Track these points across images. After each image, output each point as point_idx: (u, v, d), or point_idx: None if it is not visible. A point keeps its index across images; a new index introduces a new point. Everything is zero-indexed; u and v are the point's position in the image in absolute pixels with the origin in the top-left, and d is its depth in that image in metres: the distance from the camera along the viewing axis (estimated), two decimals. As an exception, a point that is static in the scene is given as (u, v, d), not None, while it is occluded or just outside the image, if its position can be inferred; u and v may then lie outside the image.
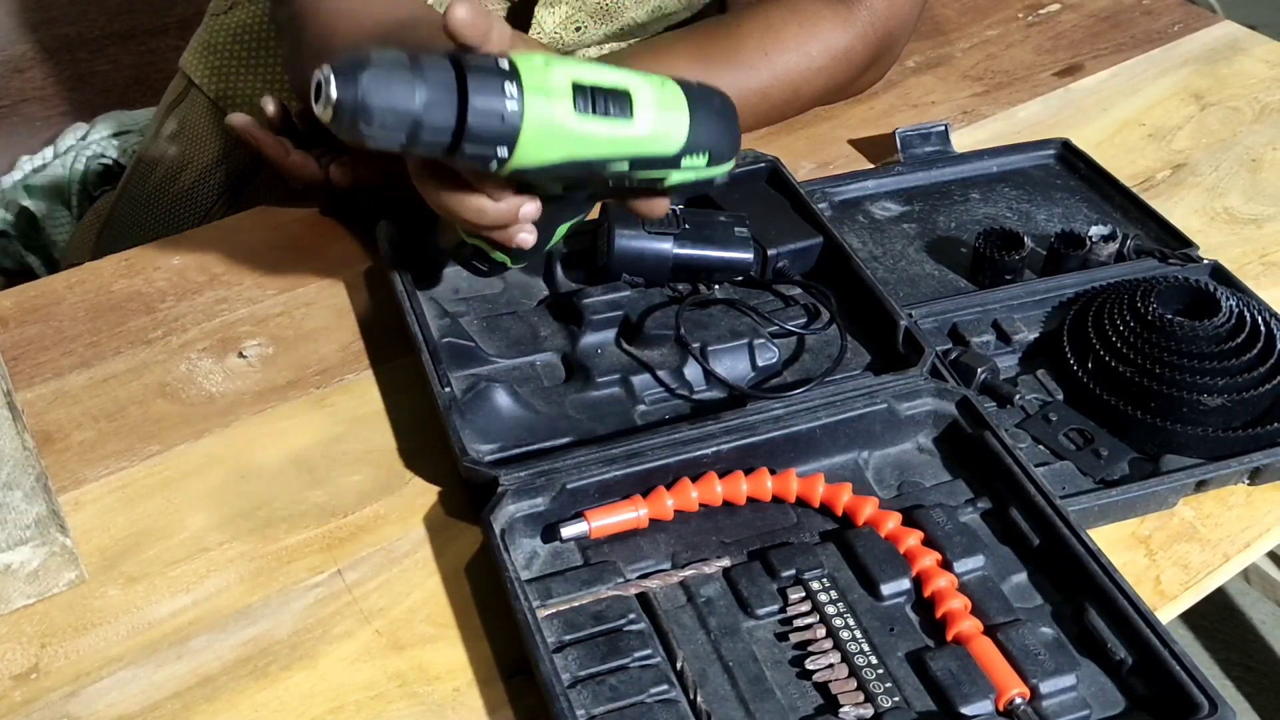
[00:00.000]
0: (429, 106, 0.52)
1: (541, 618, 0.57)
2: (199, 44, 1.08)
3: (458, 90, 0.52)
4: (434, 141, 0.53)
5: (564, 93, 0.54)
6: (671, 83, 0.59)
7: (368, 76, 0.51)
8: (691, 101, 0.59)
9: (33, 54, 1.56)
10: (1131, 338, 0.70)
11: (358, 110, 0.51)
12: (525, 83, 0.53)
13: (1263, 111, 0.99)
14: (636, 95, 0.57)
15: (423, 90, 0.52)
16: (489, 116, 0.53)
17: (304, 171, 0.83)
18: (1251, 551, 0.64)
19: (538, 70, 0.54)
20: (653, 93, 0.58)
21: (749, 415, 0.65)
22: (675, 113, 0.58)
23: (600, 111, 0.55)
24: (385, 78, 0.51)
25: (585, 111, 0.55)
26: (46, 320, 0.78)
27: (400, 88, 0.51)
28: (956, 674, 0.55)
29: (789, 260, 0.77)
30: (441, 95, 0.52)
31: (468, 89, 0.52)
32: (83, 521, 0.65)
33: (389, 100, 0.51)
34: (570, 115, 0.55)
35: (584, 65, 0.57)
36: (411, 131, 0.53)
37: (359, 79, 0.51)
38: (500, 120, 0.53)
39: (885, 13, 0.93)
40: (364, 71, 0.51)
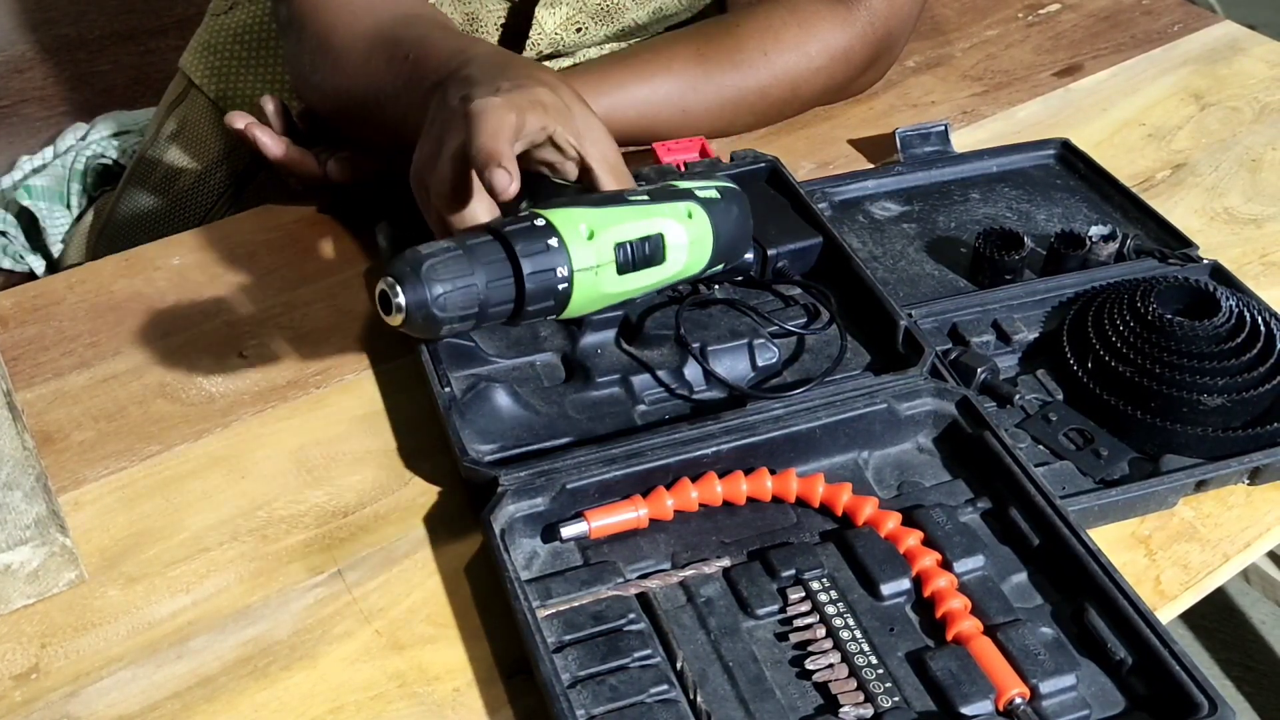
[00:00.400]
0: (490, 288, 0.55)
1: (541, 618, 0.57)
2: (199, 44, 1.08)
3: (511, 266, 0.55)
4: (498, 314, 0.56)
5: (608, 257, 0.58)
6: (698, 209, 0.62)
7: (428, 278, 0.53)
8: (715, 222, 0.62)
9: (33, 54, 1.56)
10: (1131, 338, 0.70)
11: (428, 310, 0.54)
12: (572, 255, 0.57)
13: (1262, 111, 0.99)
14: (668, 236, 0.60)
15: (481, 274, 0.55)
16: (542, 289, 0.56)
17: (302, 169, 0.83)
18: (1251, 551, 0.64)
19: (581, 240, 0.57)
20: (683, 230, 0.61)
21: (749, 415, 0.65)
22: (702, 243, 0.62)
23: (639, 265, 0.59)
24: (445, 273, 0.54)
25: (626, 269, 0.59)
26: (46, 320, 0.78)
27: (460, 274, 0.54)
28: (956, 674, 0.55)
29: (789, 260, 0.77)
30: (498, 275, 0.55)
31: (520, 267, 0.55)
32: (82, 521, 0.65)
33: (454, 291, 0.54)
34: (613, 278, 0.58)
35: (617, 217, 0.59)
36: (479, 313, 0.55)
37: (421, 281, 0.53)
38: (553, 291, 0.57)
39: (885, 13, 0.93)
40: (423, 273, 0.53)
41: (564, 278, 0.56)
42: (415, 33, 0.77)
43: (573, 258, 0.56)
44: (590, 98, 0.87)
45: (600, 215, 0.58)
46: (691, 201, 0.62)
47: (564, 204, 0.58)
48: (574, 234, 0.56)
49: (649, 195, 0.61)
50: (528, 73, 0.67)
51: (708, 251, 0.62)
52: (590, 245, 0.57)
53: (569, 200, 0.59)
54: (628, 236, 0.58)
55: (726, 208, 0.63)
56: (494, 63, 0.69)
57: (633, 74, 0.89)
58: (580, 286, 0.57)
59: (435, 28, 0.77)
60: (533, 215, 0.56)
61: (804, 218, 0.79)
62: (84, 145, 1.27)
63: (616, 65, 0.89)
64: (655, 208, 0.60)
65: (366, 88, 0.78)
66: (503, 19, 0.94)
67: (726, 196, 0.64)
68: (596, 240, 0.57)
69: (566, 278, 0.56)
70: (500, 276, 0.55)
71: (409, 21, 0.79)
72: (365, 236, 0.84)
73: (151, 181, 1.07)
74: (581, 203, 0.58)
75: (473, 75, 0.68)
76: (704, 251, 0.62)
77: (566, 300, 0.57)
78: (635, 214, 0.59)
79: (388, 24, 0.79)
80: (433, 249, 0.54)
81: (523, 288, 0.55)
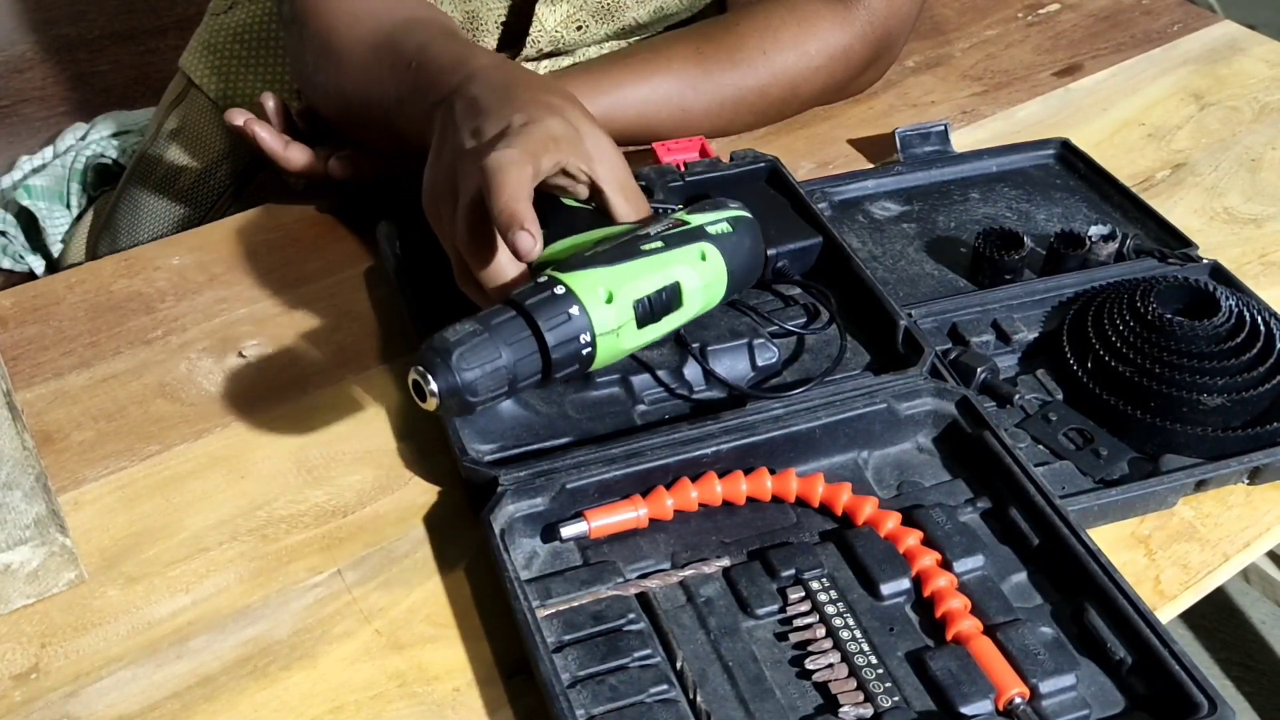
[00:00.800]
0: (518, 366, 0.56)
1: (541, 618, 0.57)
2: (199, 44, 1.08)
3: (536, 340, 0.57)
4: (528, 385, 0.58)
5: (627, 316, 0.59)
6: (711, 249, 0.62)
7: (458, 366, 0.55)
8: (728, 258, 0.63)
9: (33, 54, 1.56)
10: (1131, 337, 0.70)
11: (461, 396, 0.55)
12: (594, 321, 0.58)
13: (1262, 111, 0.99)
14: (684, 282, 0.61)
15: (507, 354, 0.56)
16: (568, 356, 0.58)
17: (303, 167, 0.83)
18: (1251, 551, 0.64)
19: (601, 303, 0.58)
20: (697, 273, 0.62)
21: (749, 415, 0.65)
22: (717, 281, 0.63)
23: (657, 315, 0.60)
24: (473, 359, 0.55)
25: (645, 322, 0.60)
26: (46, 320, 0.78)
27: (487, 355, 0.55)
28: (956, 674, 0.55)
29: (788, 260, 0.77)
30: (524, 352, 0.57)
31: (545, 341, 0.57)
32: (82, 521, 0.65)
33: (483, 373, 0.55)
34: (633, 333, 0.60)
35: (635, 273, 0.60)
36: (509, 389, 0.57)
37: (451, 370, 0.55)
38: (578, 356, 0.58)
39: (884, 12, 0.93)
40: (453, 362, 0.55)
41: (587, 343, 0.57)
42: (417, 39, 0.76)
43: (594, 323, 0.57)
44: (590, 97, 0.87)
45: (617, 274, 0.59)
46: (704, 242, 0.62)
47: (581, 264, 0.59)
48: (593, 298, 0.57)
49: (663, 242, 0.61)
50: (533, 96, 0.67)
51: (723, 288, 0.63)
52: (610, 307, 0.58)
53: (586, 258, 0.59)
54: (645, 291, 0.59)
55: (739, 240, 0.64)
56: (500, 83, 0.68)
57: (632, 73, 0.89)
58: (603, 347, 0.58)
59: (437, 34, 0.77)
60: (552, 282, 0.57)
61: (804, 217, 0.79)
62: (84, 145, 1.27)
63: (616, 65, 0.89)
64: (669, 255, 0.61)
65: (369, 93, 0.78)
66: (503, 17, 0.94)
67: (739, 228, 0.64)
68: (615, 301, 0.58)
69: (590, 342, 0.58)
70: (527, 353, 0.56)
71: (410, 26, 0.79)
72: (365, 236, 0.84)
73: (151, 181, 1.07)
74: (598, 261, 0.59)
75: (480, 100, 0.67)
76: (719, 289, 0.63)
77: (591, 362, 0.59)
78: (651, 266, 0.60)
79: (389, 27, 0.79)
80: (459, 334, 0.56)
81: (549, 359, 0.57)
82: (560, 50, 0.97)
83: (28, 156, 1.30)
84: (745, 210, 0.66)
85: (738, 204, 0.66)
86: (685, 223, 0.63)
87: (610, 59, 0.91)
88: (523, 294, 0.57)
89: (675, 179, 0.82)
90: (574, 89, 0.87)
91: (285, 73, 1.04)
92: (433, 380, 0.55)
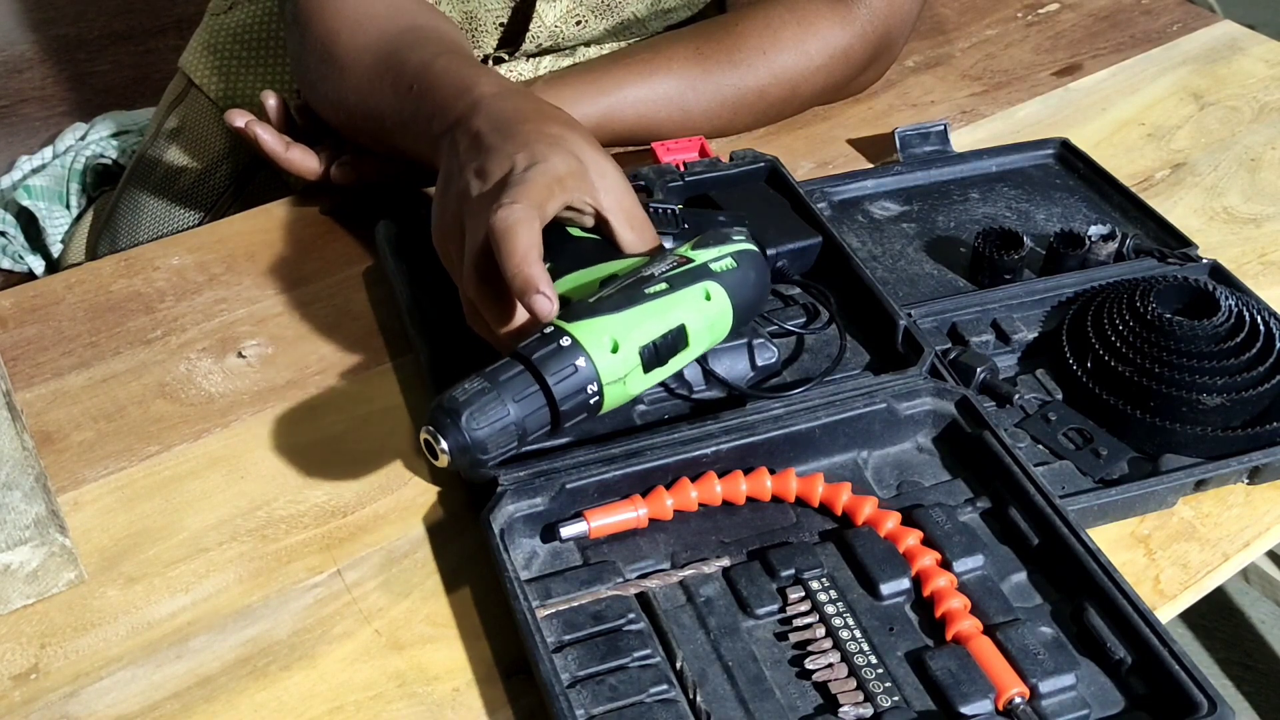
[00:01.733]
0: (527, 420, 0.57)
1: (541, 617, 0.57)
2: (199, 44, 1.08)
3: (544, 394, 0.57)
4: (538, 435, 0.58)
5: (634, 363, 0.59)
6: (716, 288, 0.62)
7: (468, 426, 0.55)
8: (733, 295, 0.63)
9: (32, 54, 1.56)
10: (1131, 337, 0.70)
11: (472, 452, 0.56)
12: (600, 371, 0.58)
13: (1262, 111, 0.99)
14: (690, 324, 0.61)
15: (516, 409, 0.56)
16: (577, 407, 0.58)
17: (303, 167, 0.83)
18: (1251, 551, 0.64)
19: (607, 353, 0.58)
20: (702, 315, 0.62)
21: (748, 415, 0.65)
22: (722, 319, 0.63)
23: (664, 359, 0.60)
24: (480, 415, 0.56)
25: (652, 367, 0.60)
26: (46, 320, 0.78)
27: (496, 413, 0.56)
28: (956, 673, 0.55)
29: (788, 260, 0.77)
30: (533, 407, 0.57)
31: (553, 394, 0.57)
32: (82, 522, 0.65)
33: (493, 431, 0.56)
34: (640, 378, 0.60)
35: (640, 319, 0.60)
36: (520, 439, 0.57)
37: (461, 429, 0.55)
38: (586, 405, 0.58)
39: (884, 12, 0.93)
40: (463, 422, 0.55)
41: (595, 392, 0.58)
42: (420, 57, 0.76)
43: (601, 373, 0.58)
44: (591, 98, 0.87)
45: (623, 321, 0.59)
46: (708, 281, 0.62)
47: (587, 312, 0.59)
48: (600, 348, 0.58)
49: (668, 283, 0.61)
50: (536, 130, 0.66)
51: (728, 325, 0.63)
52: (616, 356, 0.58)
53: (591, 305, 0.60)
54: (651, 336, 0.60)
55: (744, 275, 0.64)
56: (502, 116, 0.68)
57: (632, 74, 0.89)
58: (610, 395, 0.59)
59: (440, 51, 0.76)
60: (559, 333, 0.58)
61: (803, 217, 0.79)
62: (83, 145, 1.27)
63: (616, 65, 0.89)
64: (674, 298, 0.61)
65: (370, 107, 0.78)
66: (503, 19, 0.94)
67: (743, 262, 0.64)
68: (621, 350, 0.58)
69: (597, 391, 0.58)
70: (535, 408, 0.57)
71: (413, 40, 0.78)
72: (365, 236, 0.84)
73: (151, 181, 1.07)
74: (604, 308, 0.59)
75: (483, 136, 0.67)
76: (724, 326, 0.63)
77: (599, 409, 0.59)
78: (656, 310, 0.60)
79: (392, 36, 0.79)
80: (468, 394, 0.56)
81: (558, 412, 0.57)
82: (559, 46, 0.97)
83: (27, 156, 1.30)
84: (748, 241, 0.66)
85: (741, 233, 0.66)
86: (689, 260, 0.63)
87: (610, 59, 0.91)
88: (529, 346, 0.58)
89: (675, 179, 0.82)
90: (574, 90, 0.87)
91: (285, 72, 1.04)
92: (443, 440, 0.56)
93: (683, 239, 0.74)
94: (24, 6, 1.57)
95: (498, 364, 0.57)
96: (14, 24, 1.56)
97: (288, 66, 1.04)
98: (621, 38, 1.00)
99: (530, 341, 0.58)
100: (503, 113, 0.68)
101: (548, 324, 0.59)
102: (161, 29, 1.61)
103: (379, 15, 0.81)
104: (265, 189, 1.02)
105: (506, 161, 0.64)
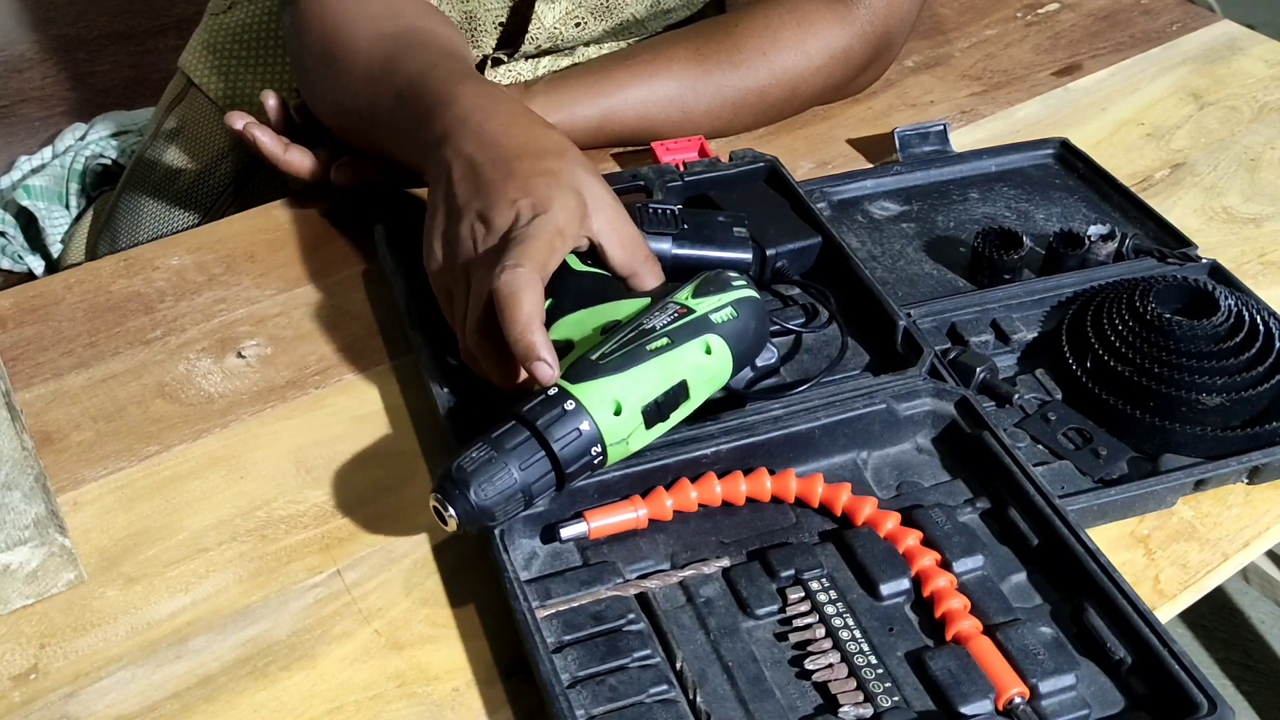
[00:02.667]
0: (533, 485, 0.58)
1: (541, 618, 0.57)
2: (198, 43, 1.08)
3: (548, 458, 0.58)
4: (545, 494, 0.59)
5: (636, 422, 0.60)
6: (717, 340, 0.62)
7: (476, 494, 0.56)
8: (733, 345, 0.63)
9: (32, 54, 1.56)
10: (1130, 337, 0.70)
11: (480, 516, 0.57)
12: (604, 433, 0.58)
13: (1261, 111, 0.99)
14: (690, 379, 0.61)
15: (522, 475, 0.57)
16: (581, 468, 0.59)
17: (301, 169, 0.83)
18: (1250, 550, 0.64)
19: (610, 415, 0.59)
20: (702, 368, 0.62)
21: (748, 415, 0.65)
22: (722, 370, 0.63)
23: (665, 415, 0.61)
24: (488, 484, 0.57)
25: (654, 423, 0.60)
26: (45, 320, 0.78)
27: (503, 481, 0.57)
28: (956, 674, 0.55)
29: (788, 260, 0.77)
30: (539, 473, 0.58)
31: (558, 458, 0.58)
32: (81, 522, 0.65)
33: (499, 496, 0.57)
34: (643, 434, 0.60)
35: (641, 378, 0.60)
36: (526, 500, 0.58)
37: (468, 497, 0.56)
38: (590, 465, 0.59)
39: (884, 12, 0.93)
40: (470, 491, 0.56)
41: (598, 453, 0.59)
42: (413, 64, 0.75)
43: (605, 435, 0.58)
44: (591, 99, 0.87)
45: (625, 383, 0.59)
46: (709, 334, 0.62)
47: (590, 373, 0.59)
48: (603, 411, 0.58)
49: (669, 339, 0.61)
50: (535, 166, 0.65)
51: (728, 374, 0.63)
52: (620, 418, 0.59)
53: (594, 365, 0.60)
54: (653, 395, 0.60)
55: (744, 324, 0.64)
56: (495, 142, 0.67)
57: (632, 75, 0.89)
58: (613, 454, 0.59)
59: (432, 60, 0.75)
60: (563, 396, 0.58)
61: (803, 217, 0.79)
62: (83, 145, 1.27)
63: (616, 66, 0.89)
64: (675, 354, 0.61)
65: (365, 112, 0.78)
66: (502, 19, 0.94)
67: (743, 312, 0.64)
68: (624, 412, 0.59)
69: (601, 452, 0.59)
70: (541, 473, 0.58)
71: (408, 44, 0.78)
72: (364, 237, 0.84)
73: (151, 181, 1.07)
74: (607, 369, 0.59)
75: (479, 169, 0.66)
76: (724, 376, 0.63)
77: (602, 466, 0.60)
78: (658, 368, 0.60)
79: (389, 38, 0.78)
80: (475, 463, 0.57)
81: (563, 474, 0.58)
82: (558, 48, 0.97)
83: (27, 157, 1.30)
84: (750, 287, 0.65)
85: (743, 281, 0.65)
86: (690, 310, 0.63)
87: (610, 60, 0.91)
88: (534, 411, 0.58)
89: (675, 179, 0.82)
90: (574, 91, 0.88)
91: (285, 72, 1.04)
92: (451, 508, 0.57)
93: (682, 240, 0.74)
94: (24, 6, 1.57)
95: (502, 429, 0.58)
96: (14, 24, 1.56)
97: (287, 66, 1.04)
98: (621, 38, 1.00)
99: (534, 405, 0.58)
100: (494, 138, 0.68)
101: (551, 385, 0.59)
102: (161, 29, 1.61)
103: (377, 17, 0.80)
104: (265, 189, 1.02)
105: (509, 210, 0.64)
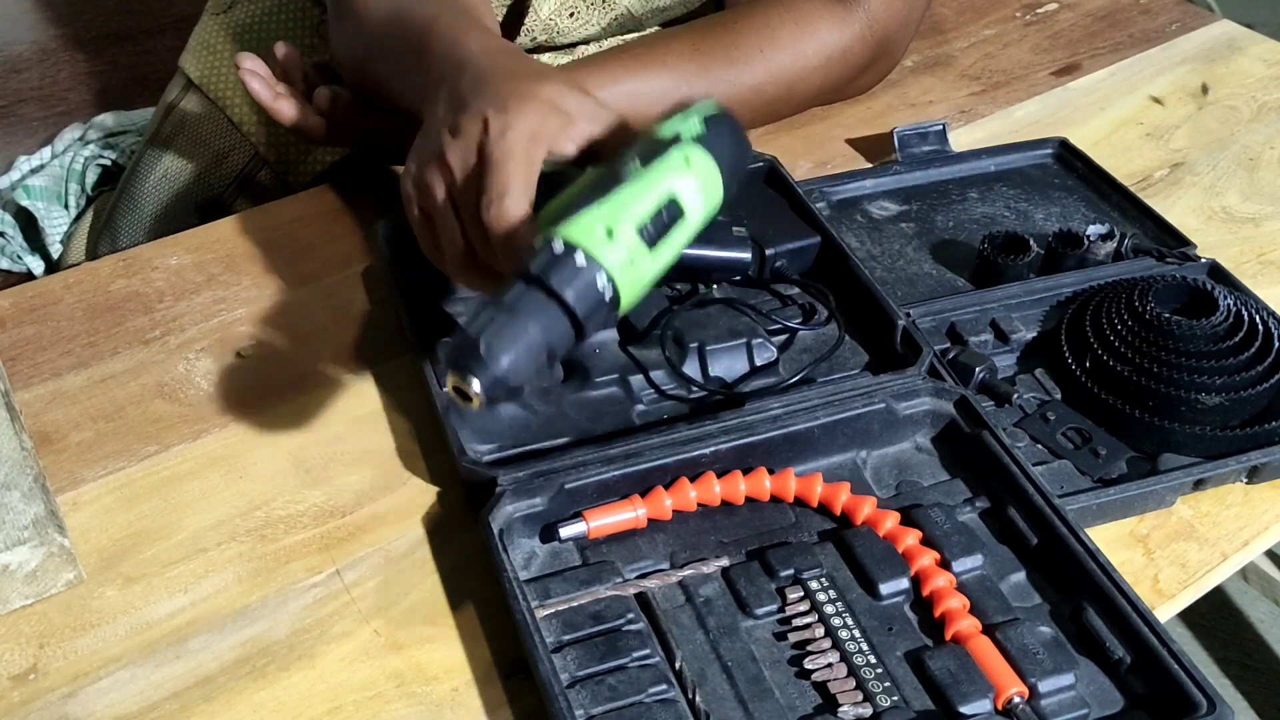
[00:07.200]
0: (549, 335, 0.54)
1: (540, 618, 0.57)
2: (198, 43, 1.08)
3: (558, 304, 0.54)
4: (564, 348, 0.55)
5: (636, 244, 0.57)
6: (693, 148, 0.60)
7: (492, 356, 0.52)
8: (714, 153, 0.60)
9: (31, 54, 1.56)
10: (1129, 337, 0.70)
11: (506, 380, 0.53)
12: (604, 261, 0.55)
13: (1260, 110, 0.99)
14: (680, 192, 0.59)
15: (535, 327, 0.54)
16: (593, 306, 0.55)
17: (282, 115, 0.83)
18: (1250, 550, 0.64)
19: (604, 242, 0.56)
20: (688, 179, 0.59)
21: (747, 415, 0.65)
22: (711, 180, 0.60)
23: (665, 233, 0.58)
24: (504, 344, 0.53)
25: (656, 243, 0.57)
26: (44, 320, 0.78)
27: (520, 341, 0.53)
28: (955, 673, 0.55)
29: (787, 260, 0.77)
30: (551, 320, 0.54)
31: (566, 301, 0.54)
32: (81, 522, 0.65)
33: (519, 355, 0.53)
34: (647, 256, 0.57)
35: (626, 200, 0.57)
36: (549, 356, 0.55)
37: (486, 363, 0.52)
38: (603, 302, 0.56)
39: (883, 15, 0.93)
40: (485, 355, 0.52)
41: (606, 285, 0.56)
42: (426, 13, 0.75)
43: (606, 264, 0.56)
44: None
45: (609, 208, 0.57)
46: (682, 146, 0.60)
47: (571, 212, 0.57)
48: (595, 240, 0.56)
49: (640, 160, 0.59)
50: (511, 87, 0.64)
51: (719, 186, 0.60)
52: (615, 243, 0.56)
53: (573, 204, 0.58)
54: (643, 214, 0.57)
55: (717, 134, 0.61)
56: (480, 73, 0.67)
57: (628, 69, 0.89)
58: (624, 285, 0.56)
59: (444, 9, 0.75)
60: (549, 241, 0.56)
61: (802, 217, 0.79)
62: (82, 145, 1.27)
63: (612, 60, 0.89)
64: (654, 171, 0.58)
65: (378, 60, 0.79)
66: (501, 15, 0.94)
67: (712, 123, 0.61)
68: (617, 235, 0.56)
69: (608, 282, 0.56)
70: (554, 321, 0.55)
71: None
72: (363, 236, 0.84)
73: (151, 181, 1.07)
74: (586, 203, 0.57)
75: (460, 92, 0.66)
76: (716, 188, 0.60)
77: (618, 303, 0.57)
78: (639, 189, 0.58)
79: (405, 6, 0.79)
80: (481, 324, 0.54)
81: (576, 317, 0.55)
82: (555, 42, 0.97)
83: (26, 156, 1.30)
84: (711, 104, 0.63)
85: (702, 100, 0.63)
86: (656, 136, 0.60)
87: (606, 54, 0.91)
88: (526, 264, 0.56)
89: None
90: None
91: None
92: (473, 378, 0.52)
93: None
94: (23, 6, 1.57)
95: (502, 291, 0.55)
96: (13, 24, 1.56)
97: None
98: (619, 35, 1.00)
99: (526, 260, 0.56)
100: (483, 69, 0.67)
101: (536, 238, 0.57)
102: (160, 29, 1.61)
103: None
104: (265, 189, 1.02)
105: (475, 116, 0.63)
